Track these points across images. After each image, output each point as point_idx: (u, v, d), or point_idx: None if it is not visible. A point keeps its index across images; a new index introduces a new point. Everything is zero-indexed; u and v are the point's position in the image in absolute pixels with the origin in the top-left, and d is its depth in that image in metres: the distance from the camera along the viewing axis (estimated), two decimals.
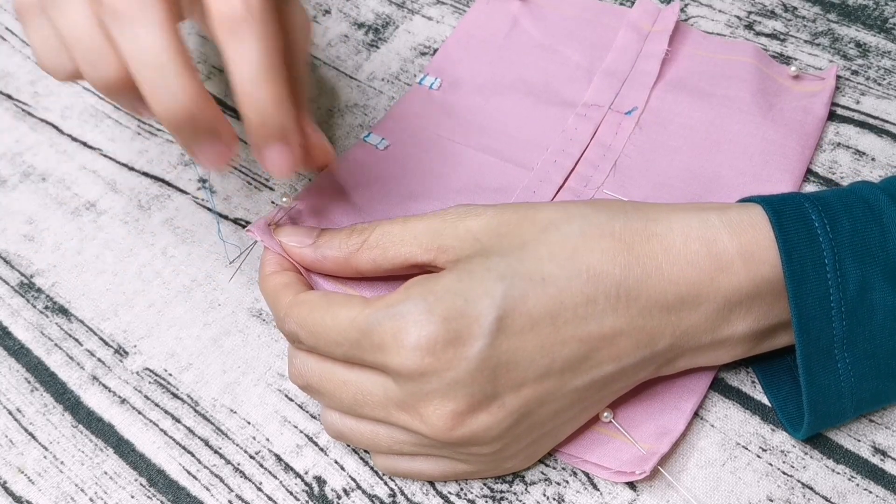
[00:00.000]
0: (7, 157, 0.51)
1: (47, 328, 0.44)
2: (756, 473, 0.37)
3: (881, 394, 0.35)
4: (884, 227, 0.33)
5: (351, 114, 0.50)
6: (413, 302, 0.32)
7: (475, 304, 0.32)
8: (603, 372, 0.33)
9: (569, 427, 0.36)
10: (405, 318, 0.32)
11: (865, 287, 0.33)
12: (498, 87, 0.50)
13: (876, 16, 0.51)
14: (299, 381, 0.36)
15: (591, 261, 0.33)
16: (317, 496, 0.38)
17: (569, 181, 0.45)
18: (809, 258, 0.33)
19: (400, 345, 0.31)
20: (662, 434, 0.37)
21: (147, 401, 0.41)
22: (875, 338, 0.33)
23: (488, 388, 0.32)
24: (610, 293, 0.32)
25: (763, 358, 0.39)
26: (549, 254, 0.33)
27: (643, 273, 0.33)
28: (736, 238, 0.33)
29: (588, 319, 0.32)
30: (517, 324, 0.32)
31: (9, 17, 0.58)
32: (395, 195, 0.45)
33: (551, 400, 0.33)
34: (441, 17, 0.54)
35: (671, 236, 0.34)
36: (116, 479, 0.39)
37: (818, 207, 0.34)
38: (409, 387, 0.32)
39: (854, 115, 0.47)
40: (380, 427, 0.35)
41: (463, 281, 0.32)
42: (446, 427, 0.32)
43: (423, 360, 0.31)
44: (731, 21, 0.52)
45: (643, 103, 0.48)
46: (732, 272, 0.33)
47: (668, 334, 0.34)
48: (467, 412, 0.32)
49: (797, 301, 0.33)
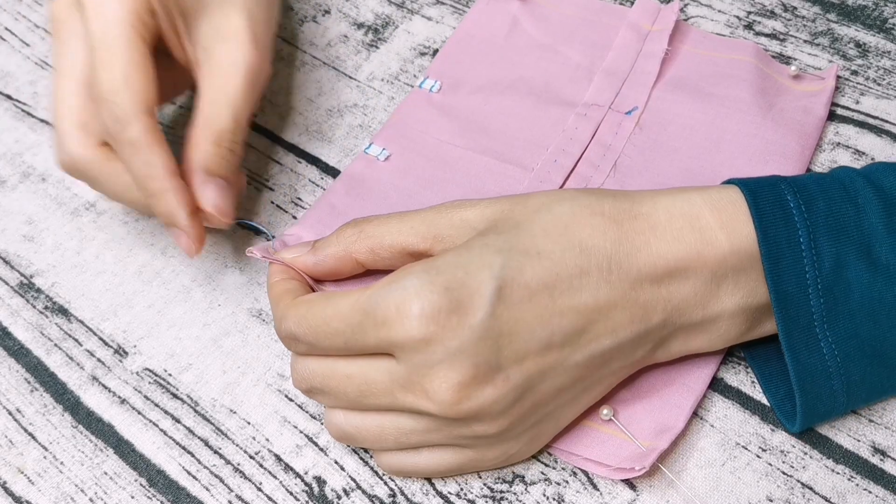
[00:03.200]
0: (7, 158, 0.51)
1: (47, 328, 0.44)
2: (756, 473, 0.37)
3: (871, 379, 0.35)
4: (858, 207, 0.35)
5: (350, 114, 0.50)
6: (414, 275, 0.33)
7: (475, 275, 0.33)
8: (601, 346, 0.34)
9: (570, 410, 0.36)
10: (407, 290, 0.32)
11: (841, 264, 0.34)
12: (498, 87, 0.50)
13: (875, 16, 0.51)
14: (303, 386, 0.36)
15: (583, 235, 0.34)
16: (317, 496, 0.38)
17: (569, 181, 0.45)
18: (785, 236, 0.34)
19: (404, 316, 0.32)
20: (662, 431, 0.37)
21: (147, 401, 0.41)
22: (855, 316, 0.34)
23: (492, 358, 0.33)
24: (602, 266, 0.34)
25: (761, 356, 0.39)
26: (543, 230, 0.34)
27: (632, 247, 0.34)
28: (717, 214, 0.35)
29: (583, 291, 0.33)
30: (516, 294, 0.33)
31: (8, 18, 0.58)
32: (398, 206, 0.45)
33: (553, 374, 0.34)
34: (441, 17, 0.54)
35: (656, 214, 0.35)
36: (116, 480, 0.39)
37: (794, 189, 0.35)
38: (414, 360, 0.32)
39: (854, 115, 0.47)
40: (385, 418, 0.35)
41: (462, 255, 0.33)
42: (452, 400, 0.32)
43: (427, 328, 0.32)
44: (731, 21, 0.52)
45: (643, 103, 0.48)
46: (716, 245, 0.34)
47: (661, 309, 0.35)
48: (472, 384, 0.32)
49: (774, 278, 0.34)
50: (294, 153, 0.49)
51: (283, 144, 0.50)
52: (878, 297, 0.34)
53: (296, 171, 0.49)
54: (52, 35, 0.42)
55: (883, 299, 0.34)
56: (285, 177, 0.48)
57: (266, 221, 0.47)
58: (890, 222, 0.35)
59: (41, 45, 0.56)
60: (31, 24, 0.57)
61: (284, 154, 0.49)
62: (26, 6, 0.58)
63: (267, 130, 0.51)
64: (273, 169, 0.49)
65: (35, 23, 0.57)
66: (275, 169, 0.49)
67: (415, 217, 0.36)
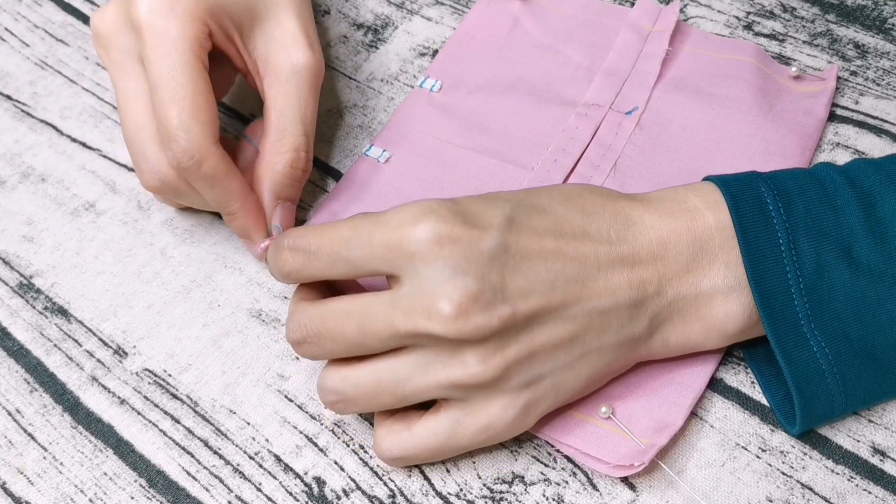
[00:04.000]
0: (6, 158, 0.51)
1: (46, 329, 0.44)
2: (755, 474, 0.37)
3: (867, 379, 0.36)
4: (837, 209, 0.36)
5: (350, 114, 0.50)
6: (428, 201, 0.34)
7: (487, 211, 0.35)
8: (600, 304, 0.35)
9: (568, 380, 0.36)
10: (423, 205, 0.34)
11: (822, 265, 0.35)
12: (499, 87, 0.50)
13: (875, 16, 0.51)
14: (299, 334, 0.36)
15: (584, 203, 0.36)
16: (316, 497, 0.38)
17: (568, 181, 0.45)
18: (765, 238, 0.36)
19: (417, 222, 0.33)
20: (661, 428, 0.37)
21: (146, 401, 0.41)
22: (841, 317, 0.35)
23: (497, 285, 0.33)
24: (601, 230, 0.36)
25: (760, 358, 0.39)
26: (549, 195, 0.37)
27: (627, 219, 0.36)
28: (702, 198, 0.37)
29: (584, 244, 0.35)
30: (525, 232, 0.35)
31: (8, 18, 0.58)
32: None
33: (552, 321, 0.35)
34: (440, 17, 0.54)
35: (648, 198, 0.38)
36: (116, 480, 0.39)
37: (773, 190, 0.36)
38: (421, 273, 0.33)
39: (853, 116, 0.47)
40: (381, 363, 0.35)
41: (475, 199, 0.35)
42: (453, 314, 0.33)
43: (440, 234, 0.33)
44: (731, 21, 0.52)
45: (644, 103, 0.48)
46: (703, 220, 0.36)
47: (656, 279, 0.36)
48: (476, 303, 0.33)
49: (756, 279, 0.35)
50: None
51: None
52: (861, 297, 0.35)
53: None
54: (97, 48, 0.42)
55: (866, 300, 0.35)
56: None
57: None
58: (869, 223, 0.36)
59: (41, 46, 0.56)
60: (30, 24, 0.57)
61: None
62: (26, 6, 0.58)
63: None
64: None
65: (35, 23, 0.57)
66: None
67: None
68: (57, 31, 0.56)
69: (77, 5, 0.58)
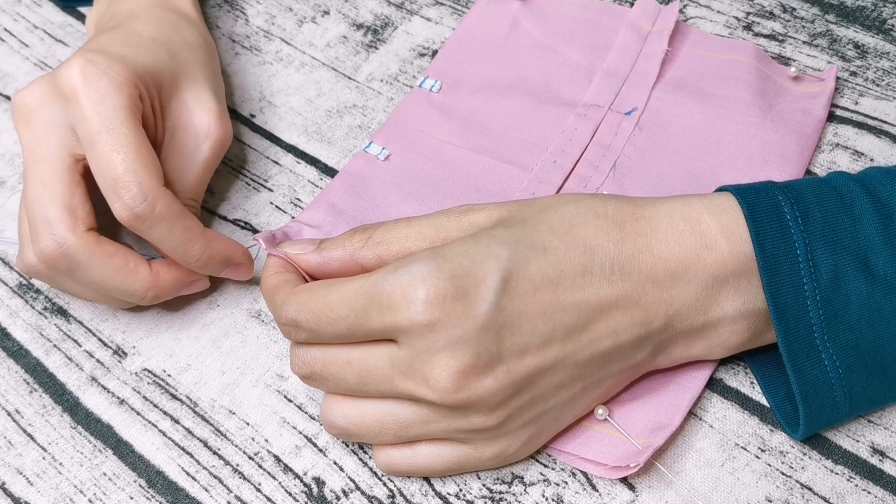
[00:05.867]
0: (6, 158, 0.51)
1: (46, 329, 0.44)
2: (755, 474, 0.37)
3: (873, 389, 0.35)
4: (854, 218, 0.35)
5: (350, 114, 0.50)
6: (422, 261, 0.33)
7: (481, 264, 0.33)
8: (601, 346, 0.34)
9: (569, 411, 0.36)
10: (414, 275, 0.32)
11: (839, 276, 0.34)
12: (498, 87, 0.50)
13: (874, 17, 0.51)
14: (302, 371, 0.36)
15: (587, 235, 0.35)
16: (316, 497, 0.38)
17: (568, 182, 0.45)
18: (782, 248, 0.34)
19: (409, 300, 0.32)
20: (657, 429, 0.37)
21: (146, 402, 0.41)
22: (854, 328, 0.34)
23: (493, 349, 0.33)
24: (605, 265, 0.34)
25: (761, 359, 0.39)
26: (549, 227, 0.35)
27: (634, 248, 0.35)
28: (716, 218, 0.35)
29: (585, 288, 0.34)
30: (521, 287, 0.33)
31: (7, 18, 0.58)
32: (397, 205, 0.45)
33: (553, 371, 0.34)
34: (440, 18, 0.54)
35: (658, 217, 0.36)
36: (115, 480, 0.39)
37: (790, 199, 0.35)
38: (416, 346, 0.33)
39: (853, 116, 0.47)
40: (384, 407, 0.35)
41: (469, 244, 0.34)
42: (451, 387, 0.32)
43: (432, 314, 0.32)
44: (730, 22, 0.52)
45: (643, 104, 0.48)
46: (716, 249, 0.35)
47: (662, 313, 0.35)
48: (472, 373, 0.32)
49: (772, 290, 0.34)
50: (293, 154, 0.49)
51: (282, 145, 0.50)
52: (877, 307, 0.34)
53: (295, 171, 0.49)
54: (17, 124, 0.41)
55: (882, 310, 0.34)
56: (284, 177, 0.48)
57: (265, 222, 0.47)
58: (887, 233, 0.35)
59: (40, 46, 0.56)
60: (30, 24, 0.57)
61: (283, 155, 0.49)
62: (25, 7, 0.58)
63: (266, 131, 0.51)
64: (272, 170, 0.49)
65: (34, 24, 0.57)
66: (274, 170, 0.49)
67: (422, 221, 0.36)
68: (56, 31, 0.56)
69: None
